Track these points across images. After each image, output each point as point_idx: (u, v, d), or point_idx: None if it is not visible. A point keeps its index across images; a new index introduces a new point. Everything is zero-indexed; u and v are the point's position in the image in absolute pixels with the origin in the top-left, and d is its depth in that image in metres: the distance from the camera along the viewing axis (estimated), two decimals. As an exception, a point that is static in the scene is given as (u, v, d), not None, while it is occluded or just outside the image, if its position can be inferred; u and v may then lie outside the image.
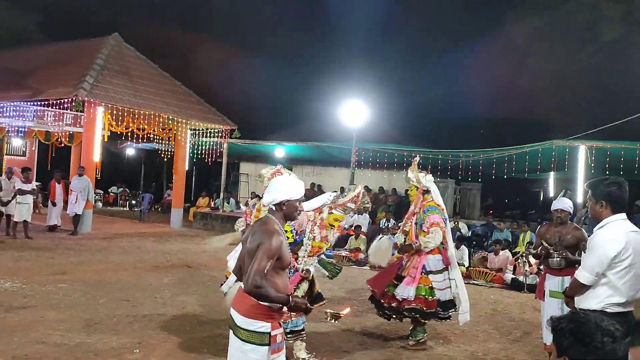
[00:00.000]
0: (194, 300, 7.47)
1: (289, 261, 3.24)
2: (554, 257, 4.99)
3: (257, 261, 3.01)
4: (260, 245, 3.06)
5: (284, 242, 3.17)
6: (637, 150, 11.85)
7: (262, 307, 3.08)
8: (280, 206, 3.29)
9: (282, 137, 20.27)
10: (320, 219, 4.87)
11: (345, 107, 14.53)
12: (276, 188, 3.32)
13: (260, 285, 2.97)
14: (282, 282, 3.19)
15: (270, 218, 3.27)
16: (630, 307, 3.38)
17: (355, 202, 4.96)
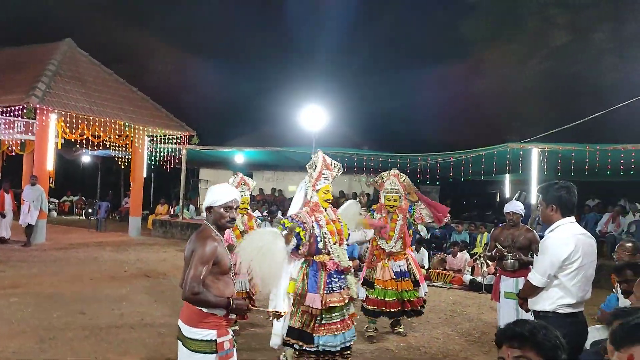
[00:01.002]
0: (154, 310, 7.33)
1: (228, 266, 3.22)
2: (507, 258, 5.13)
3: (192, 268, 3.03)
4: (194, 253, 3.08)
5: (220, 246, 3.17)
6: (586, 152, 12.28)
7: (205, 314, 3.08)
8: (209, 212, 3.30)
9: (242, 143, 20.15)
10: (314, 204, 4.66)
11: (305, 111, 14.56)
12: (207, 195, 3.35)
13: (198, 292, 2.99)
14: (224, 287, 3.19)
15: (206, 225, 3.28)
16: (580, 308, 3.50)
17: (328, 167, 4.79)
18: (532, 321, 1.94)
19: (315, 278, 4.52)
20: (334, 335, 4.50)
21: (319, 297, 4.46)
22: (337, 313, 4.56)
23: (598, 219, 13.37)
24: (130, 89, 16.72)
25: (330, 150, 16.14)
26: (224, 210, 3.27)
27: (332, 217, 4.75)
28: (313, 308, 4.45)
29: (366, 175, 18.26)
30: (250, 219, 6.58)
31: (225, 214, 3.27)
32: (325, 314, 4.52)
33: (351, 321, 4.70)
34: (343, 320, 4.58)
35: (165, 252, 13.31)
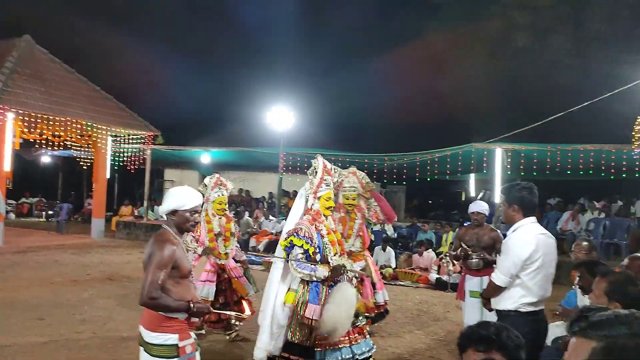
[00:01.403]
0: (117, 315, 7.16)
1: (188, 269, 3.18)
2: (472, 258, 5.20)
3: (150, 273, 2.97)
4: (152, 257, 3.02)
5: (179, 250, 3.11)
6: (548, 152, 12.58)
7: (165, 318, 3.02)
8: (171, 216, 3.23)
9: (208, 143, 19.93)
10: (315, 213, 4.43)
11: (272, 111, 14.49)
12: (168, 197, 3.27)
13: (155, 297, 2.94)
14: (184, 290, 3.14)
15: (165, 229, 3.21)
16: (541, 306, 3.57)
17: (328, 173, 4.59)
18: (494, 323, 1.95)
19: (317, 289, 4.27)
20: (338, 349, 4.20)
21: (319, 308, 4.21)
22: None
23: (559, 217, 13.70)
24: (92, 87, 16.34)
25: (297, 151, 16.16)
26: (189, 214, 3.23)
27: (332, 227, 4.57)
28: (314, 320, 4.18)
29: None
30: (228, 221, 6.23)
31: (191, 217, 3.25)
32: None
33: (362, 334, 4.40)
34: (348, 332, 4.26)
35: (130, 255, 13.05)
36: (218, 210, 6.02)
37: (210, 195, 6.01)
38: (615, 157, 12.48)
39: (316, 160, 4.65)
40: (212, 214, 6.02)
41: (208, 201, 6.01)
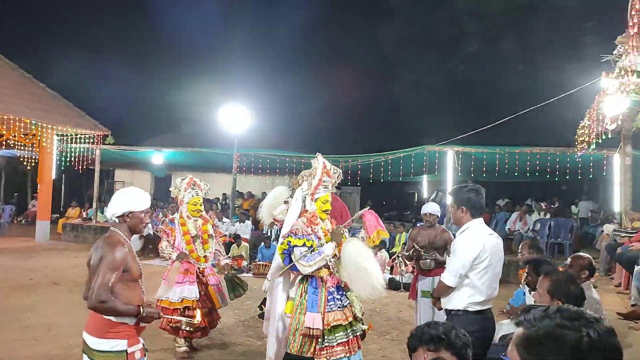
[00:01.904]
0: (62, 321, 6.90)
1: (138, 273, 3.12)
2: (424, 258, 5.28)
3: (100, 275, 2.90)
4: (103, 259, 2.95)
5: (130, 253, 3.06)
6: (497, 155, 12.94)
7: (113, 323, 2.95)
8: (123, 218, 3.16)
9: (160, 143, 19.53)
10: (311, 215, 4.28)
11: (226, 112, 14.33)
12: (119, 200, 3.20)
13: (105, 300, 2.87)
14: (134, 294, 3.08)
15: (114, 231, 3.14)
16: (488, 305, 3.66)
17: (327, 173, 4.38)
18: (443, 323, 2.00)
19: (315, 295, 4.11)
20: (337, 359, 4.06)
21: (319, 316, 4.05)
22: (342, 333, 4.13)
23: (507, 217, 14.09)
24: (37, 85, 15.74)
25: (252, 152, 16.06)
26: (143, 215, 3.21)
27: (329, 228, 4.39)
28: (314, 329, 4.02)
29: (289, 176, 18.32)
30: (205, 222, 5.91)
31: (145, 219, 3.23)
32: (328, 334, 4.08)
33: (357, 343, 4.30)
34: (348, 341, 4.15)
35: (77, 258, 12.62)
36: (193, 212, 5.75)
37: (183, 197, 5.76)
38: (559, 160, 12.98)
39: (316, 160, 4.44)
40: (186, 216, 5.76)
41: (182, 203, 5.77)
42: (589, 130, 9.61)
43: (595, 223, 14.26)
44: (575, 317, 1.34)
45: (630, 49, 4.98)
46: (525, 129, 17.20)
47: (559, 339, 1.31)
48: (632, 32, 4.50)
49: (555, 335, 1.32)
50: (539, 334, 1.34)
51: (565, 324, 1.32)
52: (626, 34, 5.09)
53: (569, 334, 1.31)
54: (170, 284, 5.43)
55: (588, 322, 1.32)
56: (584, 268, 4.34)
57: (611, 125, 8.33)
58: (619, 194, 12.03)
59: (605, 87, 7.91)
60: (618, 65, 6.51)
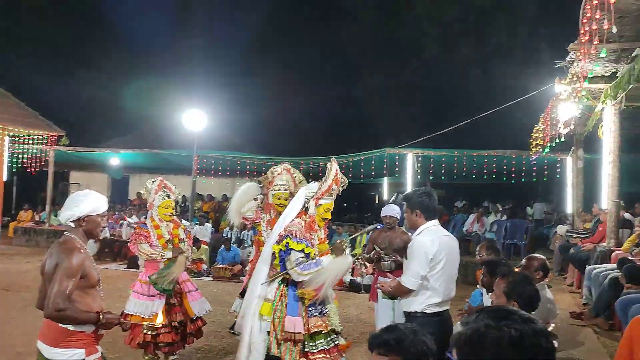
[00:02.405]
0: (13, 328, 6.66)
1: (96, 279, 3.02)
2: (385, 260, 5.32)
3: (56, 283, 2.79)
4: (59, 266, 2.84)
5: (87, 259, 2.97)
6: (455, 157, 13.20)
7: (70, 332, 2.85)
8: (80, 222, 3.06)
9: (118, 144, 19.10)
10: (311, 219, 4.14)
11: (186, 113, 14.11)
12: (75, 203, 3.08)
13: (63, 308, 2.76)
14: (92, 301, 2.99)
15: (70, 236, 3.04)
16: (445, 306, 3.72)
17: (336, 182, 4.27)
18: (403, 327, 2.02)
19: (296, 299, 3.98)
20: None
21: (300, 320, 3.94)
22: (322, 340, 4.02)
23: (465, 219, 14.35)
24: (-14, 84, 15.14)
25: (212, 153, 15.88)
26: (100, 219, 3.13)
27: (322, 236, 4.31)
28: (296, 333, 3.90)
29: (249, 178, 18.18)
30: (176, 226, 5.61)
31: (102, 222, 3.15)
32: (309, 340, 3.98)
33: (339, 354, 4.16)
34: (329, 350, 4.04)
35: (29, 263, 12.20)
36: (164, 216, 5.44)
37: (154, 200, 5.45)
38: (515, 163, 13.33)
39: (330, 165, 4.31)
40: (158, 219, 5.45)
41: (152, 207, 5.47)
42: (543, 134, 9.91)
43: (549, 224, 14.69)
44: (502, 317, 1.40)
45: (581, 56, 5.16)
46: (483, 132, 17.59)
47: (482, 337, 1.38)
48: (584, 39, 4.66)
49: (479, 334, 1.39)
50: (467, 334, 1.41)
51: (490, 324, 1.39)
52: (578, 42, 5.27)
53: (492, 332, 1.37)
54: (174, 277, 5.08)
55: (514, 322, 1.39)
56: (538, 269, 4.45)
57: (564, 130, 8.62)
58: (571, 196, 12.44)
59: (558, 92, 8.18)
60: (570, 72, 6.74)
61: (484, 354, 1.36)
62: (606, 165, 8.24)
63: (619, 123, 7.92)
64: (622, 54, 6.33)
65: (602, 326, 6.10)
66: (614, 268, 6.45)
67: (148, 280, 5.09)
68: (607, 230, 8.10)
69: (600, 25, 4.30)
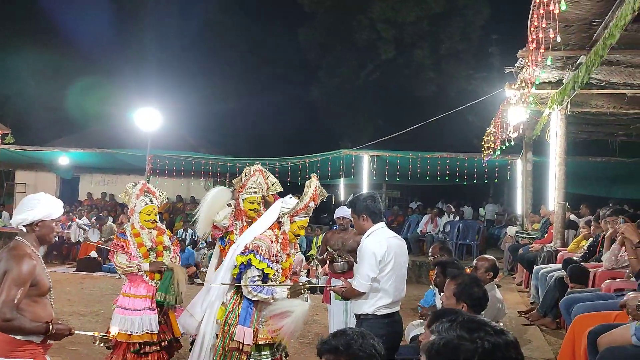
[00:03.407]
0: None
1: (47, 287, 2.91)
2: (338, 261, 5.34)
3: (4, 291, 2.66)
4: (8, 273, 2.71)
5: (39, 265, 2.84)
6: (409, 159, 13.42)
7: (18, 342, 2.73)
8: (32, 227, 2.93)
9: (67, 143, 18.52)
10: (282, 234, 4.07)
11: (139, 112, 13.81)
12: (29, 206, 2.95)
13: (11, 318, 2.64)
14: (42, 310, 2.87)
15: (21, 241, 2.91)
16: (396, 307, 3.76)
17: (314, 199, 4.13)
18: (352, 331, 2.03)
19: (250, 309, 3.91)
20: None
21: (250, 331, 3.87)
22: (268, 352, 3.99)
23: (419, 220, 14.57)
24: None
25: (166, 153, 15.60)
26: (55, 224, 3.01)
27: (291, 252, 4.25)
28: (244, 344, 3.83)
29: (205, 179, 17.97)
30: (161, 233, 5.11)
31: (56, 228, 3.05)
32: (255, 351, 3.92)
33: None
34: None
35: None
36: (146, 222, 4.96)
37: (135, 206, 5.00)
38: (467, 165, 13.66)
39: (310, 182, 4.15)
40: (139, 226, 4.98)
41: (133, 212, 5.05)
42: (494, 137, 10.17)
43: (500, 225, 15.10)
44: (475, 328, 1.42)
45: (529, 63, 5.32)
46: (437, 135, 17.94)
47: (455, 349, 1.38)
48: (531, 47, 4.80)
49: (453, 345, 1.39)
50: (440, 344, 1.42)
51: (464, 335, 1.40)
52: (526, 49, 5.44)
53: (465, 344, 1.38)
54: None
55: (487, 334, 1.40)
56: (489, 269, 4.55)
57: (514, 133, 8.87)
58: (521, 198, 12.82)
59: (508, 96, 8.42)
60: (519, 77, 6.94)
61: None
62: (553, 168, 8.52)
63: (565, 127, 8.20)
64: (567, 61, 6.56)
65: (549, 325, 6.29)
66: (559, 268, 6.66)
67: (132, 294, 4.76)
68: (554, 231, 8.38)
69: (546, 34, 4.44)
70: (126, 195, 5.08)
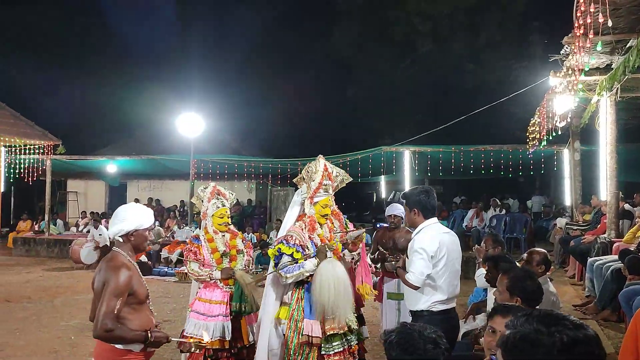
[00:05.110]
0: (15, 340, 6.63)
1: (145, 294, 2.96)
2: (389, 260, 5.29)
3: (104, 303, 2.73)
4: (106, 284, 2.78)
5: (135, 274, 2.90)
6: (452, 153, 13.21)
7: (120, 351, 2.80)
8: (128, 237, 3.00)
9: (114, 151, 19.06)
10: (310, 219, 4.13)
11: (182, 118, 14.11)
12: (123, 217, 3.03)
13: (112, 328, 2.70)
14: (141, 317, 2.92)
15: (117, 252, 2.96)
16: (452, 304, 3.71)
17: (329, 177, 4.21)
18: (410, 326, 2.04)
19: (312, 302, 3.94)
20: None
21: (318, 323, 3.91)
22: (338, 342, 3.98)
23: (464, 214, 14.36)
24: (-20, 95, 15.10)
25: (209, 158, 15.87)
26: (148, 233, 3.08)
27: (327, 235, 4.22)
28: (313, 337, 3.88)
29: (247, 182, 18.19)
30: (234, 236, 4.95)
31: (149, 236, 3.11)
32: (325, 343, 3.93)
33: (353, 354, 4.12)
34: (343, 351, 4.00)
35: (29, 273, 12.18)
36: (220, 226, 4.82)
37: (207, 209, 4.88)
38: (512, 157, 13.35)
39: (316, 162, 4.24)
40: (213, 230, 4.84)
41: (206, 217, 4.90)
42: (539, 127, 9.92)
43: (548, 217, 14.72)
44: (553, 322, 1.39)
45: (576, 49, 5.16)
46: (479, 127, 17.61)
47: (533, 343, 1.36)
48: (578, 33, 4.66)
49: (530, 339, 1.37)
50: (517, 338, 1.40)
51: (541, 329, 1.37)
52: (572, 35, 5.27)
53: (542, 338, 1.35)
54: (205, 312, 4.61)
55: (566, 327, 1.37)
56: (540, 262, 4.45)
57: (561, 123, 8.63)
58: (569, 188, 12.46)
59: (553, 85, 8.19)
60: (565, 65, 6.75)
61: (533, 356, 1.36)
62: (604, 157, 8.25)
63: (615, 114, 7.92)
64: (616, 45, 6.35)
65: (610, 318, 6.09)
66: (615, 259, 6.45)
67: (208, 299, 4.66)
68: (608, 222, 8.11)
69: (594, 18, 4.31)
70: (198, 199, 4.96)
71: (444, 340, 2.12)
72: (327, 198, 4.20)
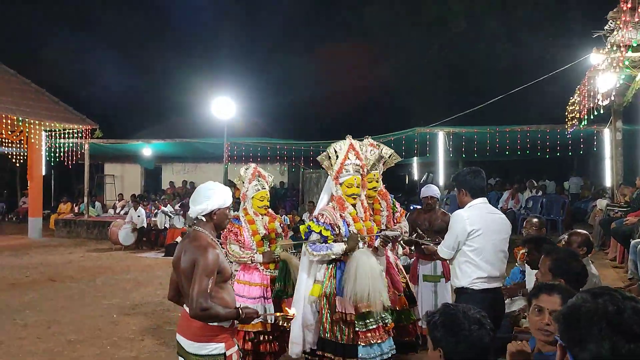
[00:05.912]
0: (61, 318, 6.87)
1: (230, 272, 3.02)
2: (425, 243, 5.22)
3: (196, 283, 2.76)
4: (197, 264, 2.80)
5: (221, 254, 2.94)
6: (487, 134, 12.98)
7: (210, 327, 2.86)
8: (211, 216, 3.02)
9: (149, 135, 19.38)
10: (338, 199, 4.18)
11: (215, 101, 14.22)
12: (206, 196, 3.01)
13: (207, 307, 2.75)
14: (228, 295, 2.98)
15: (200, 231, 2.98)
16: (496, 283, 3.67)
17: (356, 155, 4.22)
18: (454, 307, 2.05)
19: (344, 283, 4.00)
20: (370, 345, 3.96)
21: (349, 301, 3.98)
22: (372, 319, 4.03)
23: (499, 196, 14.16)
24: (22, 80, 15.48)
25: (242, 140, 15.99)
26: (228, 212, 3.10)
27: (361, 215, 4.26)
28: (347, 314, 3.96)
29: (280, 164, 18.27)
30: (272, 219, 4.91)
31: (230, 214, 3.15)
32: (359, 320, 4.00)
33: (388, 332, 4.15)
34: (377, 328, 4.04)
35: (71, 254, 12.57)
36: (259, 208, 4.77)
37: (248, 191, 4.81)
38: (550, 137, 13.04)
39: (342, 142, 4.27)
40: (253, 212, 4.79)
41: (245, 198, 4.83)
42: (579, 106, 9.63)
43: (587, 199, 14.38)
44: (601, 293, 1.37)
45: (622, 25, 4.96)
46: (515, 107, 17.21)
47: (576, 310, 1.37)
48: (625, 7, 4.48)
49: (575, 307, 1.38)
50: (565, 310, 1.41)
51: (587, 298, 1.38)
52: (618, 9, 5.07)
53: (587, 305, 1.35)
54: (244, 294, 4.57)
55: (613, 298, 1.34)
56: (582, 244, 4.36)
57: (603, 101, 8.36)
58: (610, 169, 12.11)
59: (595, 63, 7.92)
60: (609, 41, 6.51)
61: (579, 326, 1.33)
62: (648, 136, 7.97)
63: (660, 92, 7.64)
64: (664, 20, 6.09)
65: (656, 300, 5.96)
66: (659, 241, 6.28)
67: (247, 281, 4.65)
68: (651, 203, 7.87)
69: (643, -8, 4.14)
70: (239, 180, 4.92)
71: (488, 320, 2.10)
72: (352, 178, 4.18)
